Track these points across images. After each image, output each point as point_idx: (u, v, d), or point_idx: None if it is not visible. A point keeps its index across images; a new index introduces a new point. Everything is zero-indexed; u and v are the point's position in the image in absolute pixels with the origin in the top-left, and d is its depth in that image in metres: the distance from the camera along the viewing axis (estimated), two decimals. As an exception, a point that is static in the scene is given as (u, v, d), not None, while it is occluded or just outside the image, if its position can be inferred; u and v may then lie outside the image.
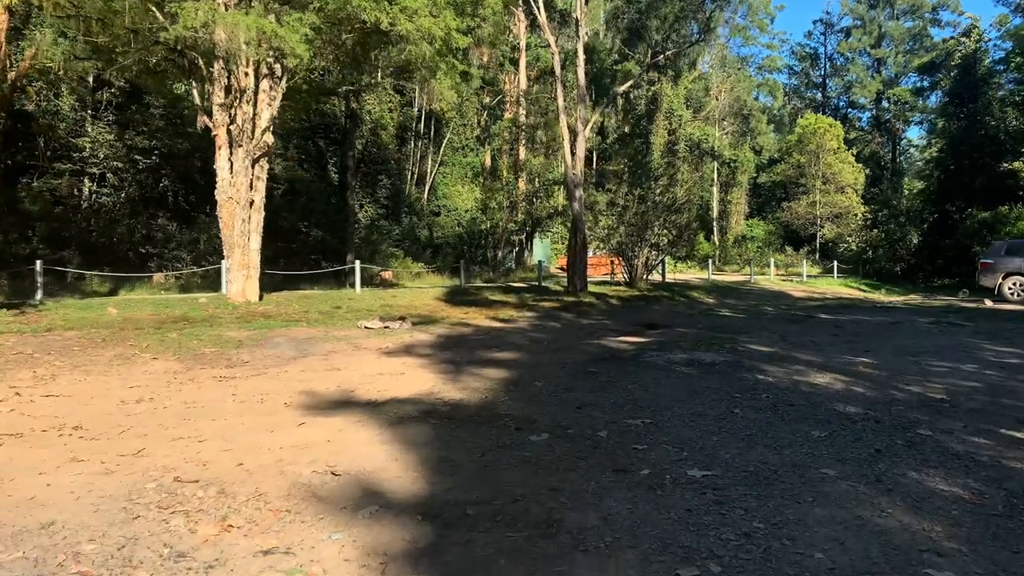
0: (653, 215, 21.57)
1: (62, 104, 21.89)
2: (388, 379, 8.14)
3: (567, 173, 19.32)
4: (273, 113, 14.13)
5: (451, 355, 9.84)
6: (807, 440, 5.51)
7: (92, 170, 22.78)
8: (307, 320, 12.88)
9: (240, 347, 10.23)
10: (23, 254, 21.12)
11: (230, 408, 6.72)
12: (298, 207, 30.35)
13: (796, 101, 79.61)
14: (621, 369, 8.23)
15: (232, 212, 13.85)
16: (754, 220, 63.12)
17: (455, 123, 41.68)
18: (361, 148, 34.74)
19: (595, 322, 14.76)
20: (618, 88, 22.23)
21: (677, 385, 7.32)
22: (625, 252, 22.03)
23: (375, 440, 5.41)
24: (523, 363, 9.00)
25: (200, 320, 11.99)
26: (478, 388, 7.35)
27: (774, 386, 7.39)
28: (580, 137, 18.99)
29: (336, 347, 10.55)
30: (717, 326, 13.92)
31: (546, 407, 6.40)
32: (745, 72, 66.76)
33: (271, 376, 8.47)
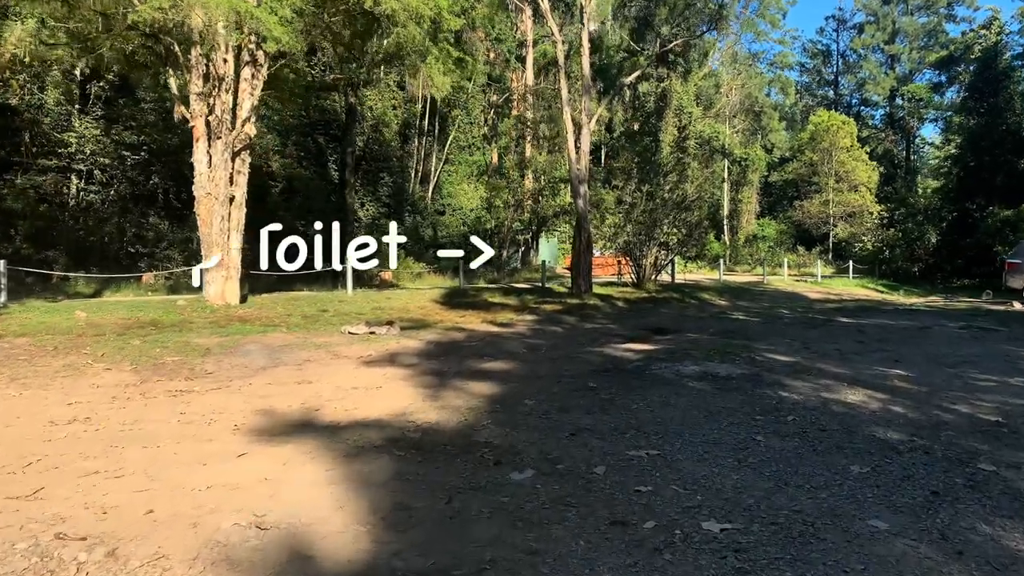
0: (662, 213, 20.56)
1: (46, 98, 21.07)
2: (361, 394, 7.21)
3: (571, 168, 18.34)
4: (254, 102, 13.23)
5: (437, 365, 8.89)
6: (846, 477, 4.55)
7: (79, 166, 21.95)
8: (287, 325, 11.96)
9: (206, 356, 9.32)
10: (4, 254, 20.31)
11: (170, 431, 5.81)
12: (295, 205, 29.49)
13: (808, 99, 78.31)
14: (624, 384, 7.26)
15: (210, 209, 12.96)
16: (765, 219, 61.93)
17: (461, 121, 40.76)
18: (362, 145, 33.88)
19: (599, 326, 13.79)
20: (625, 79, 21.16)
21: (689, 404, 6.35)
22: (633, 252, 21.02)
23: (322, 479, 4.48)
24: (515, 375, 8.05)
25: (170, 325, 11.10)
26: (459, 407, 6.40)
27: (801, 405, 6.41)
28: (585, 130, 18.01)
29: (313, 355, 9.62)
30: (731, 331, 12.92)
31: (534, 433, 5.44)
32: (756, 69, 65.58)
33: (232, 390, 7.55)
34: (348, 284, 17.34)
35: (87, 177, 22.70)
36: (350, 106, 27.95)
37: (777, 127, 63.92)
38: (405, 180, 37.21)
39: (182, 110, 13.11)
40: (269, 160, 30.19)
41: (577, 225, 18.30)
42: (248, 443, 5.38)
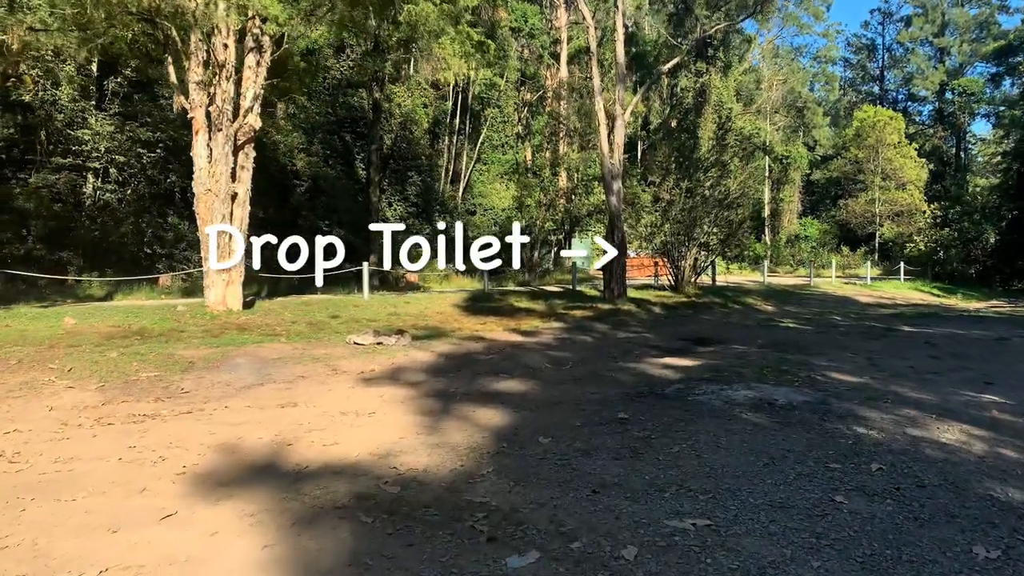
0: (703, 211, 19.11)
1: (60, 94, 20.36)
2: (347, 423, 6.07)
3: (603, 163, 17.05)
4: (257, 91, 12.21)
5: (444, 384, 7.72)
6: (971, 567, 3.29)
7: (94, 165, 21.22)
8: (289, 333, 10.90)
9: (187, 371, 8.27)
10: (17, 255, 19.66)
11: (103, 475, 4.74)
12: (320, 205, 28.61)
13: (852, 95, 75.78)
14: (663, 415, 6.01)
15: (210, 207, 11.97)
16: (808, 219, 59.75)
17: (494, 119, 39.64)
18: (390, 143, 32.90)
19: (633, 335, 12.51)
20: (663, 67, 19.68)
21: (744, 446, 5.07)
22: (671, 252, 19.62)
23: (253, 562, 3.32)
24: (532, 399, 6.84)
25: (158, 334, 10.11)
26: (457, 445, 5.22)
27: (885, 447, 5.10)
28: (619, 122, 16.69)
29: (308, 371, 8.53)
30: (782, 342, 11.56)
31: (546, 489, 4.23)
32: (798, 64, 63.39)
33: (202, 415, 6.47)
34: (364, 288, 16.26)
35: (103, 176, 21.99)
36: (375, 102, 26.93)
37: (821, 122, 61.71)
38: (435, 179, 36.13)
39: (181, 100, 12.15)
40: (294, 159, 29.36)
41: (610, 224, 17.00)
42: (186, 496, 4.27)
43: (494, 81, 39.59)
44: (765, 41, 59.31)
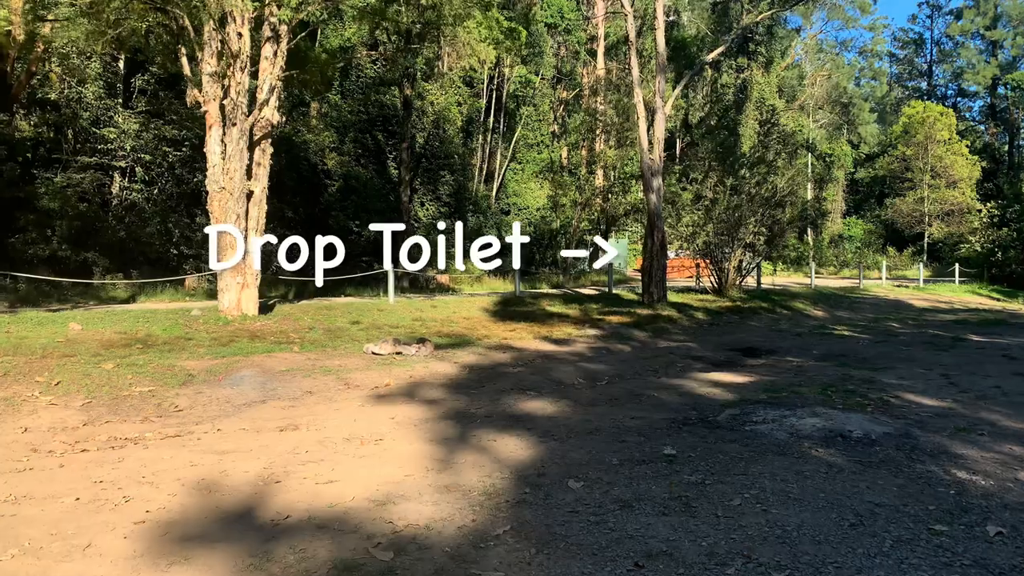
0: (748, 210, 17.97)
1: (86, 92, 19.99)
2: (349, 454, 5.27)
3: (643, 159, 16.04)
4: (274, 82, 11.50)
5: (465, 403, 6.89)
6: None
7: (119, 163, 20.84)
8: (303, 342, 10.16)
9: (185, 385, 7.55)
10: (42, 256, 19.32)
11: (48, 522, 4.01)
12: (351, 205, 28.02)
13: (898, 91, 73.39)
14: (717, 451, 5.07)
15: (224, 206, 11.30)
16: (852, 218, 57.83)
17: (529, 117, 38.79)
18: (423, 142, 32.24)
19: (675, 345, 11.55)
20: (706, 57, 18.49)
21: (822, 497, 4.13)
22: (713, 254, 18.52)
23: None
24: (562, 425, 5.96)
25: (163, 342, 9.44)
26: (472, 489, 4.37)
27: (998, 500, 4.12)
28: (659, 115, 15.68)
29: (316, 385, 7.75)
30: (840, 354, 10.51)
31: (576, 559, 3.34)
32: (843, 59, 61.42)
33: (189, 440, 5.73)
34: (390, 291, 15.49)
35: (129, 175, 21.62)
36: (406, 98, 26.24)
37: (868, 119, 59.65)
38: (467, 179, 35.37)
39: (195, 93, 11.49)
40: (325, 158, 28.84)
41: (649, 224, 16.01)
42: (132, 559, 3.48)
43: (529, 78, 38.72)
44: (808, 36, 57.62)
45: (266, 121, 11.73)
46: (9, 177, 18.74)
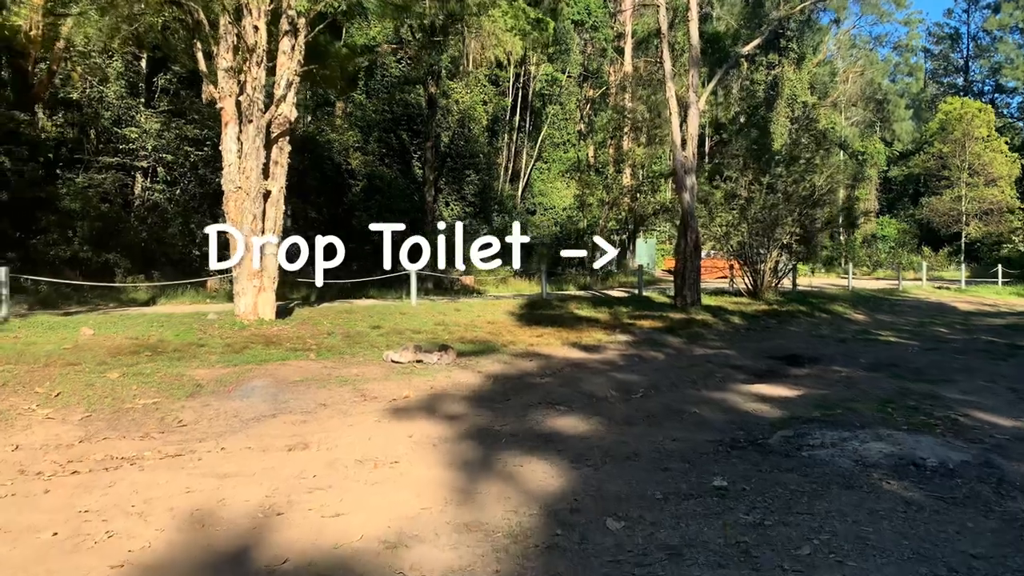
0: (785, 209, 17.24)
1: (108, 91, 19.76)
2: (361, 480, 4.78)
3: (675, 156, 15.38)
4: (291, 78, 11.06)
5: (488, 419, 6.36)
6: None
7: (141, 164, 20.60)
8: (320, 348, 9.68)
9: (193, 396, 7.10)
10: (63, 257, 19.12)
11: (17, 560, 3.61)
12: (375, 205, 27.63)
13: (933, 87, 71.60)
14: (774, 483, 4.48)
15: (240, 206, 10.88)
16: (885, 218, 56.39)
17: (556, 116, 38.20)
18: (448, 141, 31.81)
19: (712, 352, 10.91)
20: (741, 49, 17.75)
21: (904, 545, 3.53)
22: (748, 255, 17.80)
23: None
24: (597, 448, 5.39)
25: (173, 349, 9.02)
26: (495, 528, 3.83)
27: (1115, 550, 3.49)
28: (692, 110, 15.00)
29: (331, 397, 7.26)
30: (890, 363, 9.82)
31: (620, 628, 2.79)
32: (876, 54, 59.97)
33: (189, 461, 5.27)
34: (412, 294, 15.01)
35: (151, 175, 21.40)
36: (430, 96, 25.78)
37: (904, 115, 58.15)
38: (493, 178, 34.86)
39: (211, 90, 11.10)
40: (349, 157, 28.50)
41: (682, 224, 15.35)
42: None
43: (555, 76, 38.14)
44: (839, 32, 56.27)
45: (284, 118, 11.29)
46: (31, 178, 18.56)
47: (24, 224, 18.95)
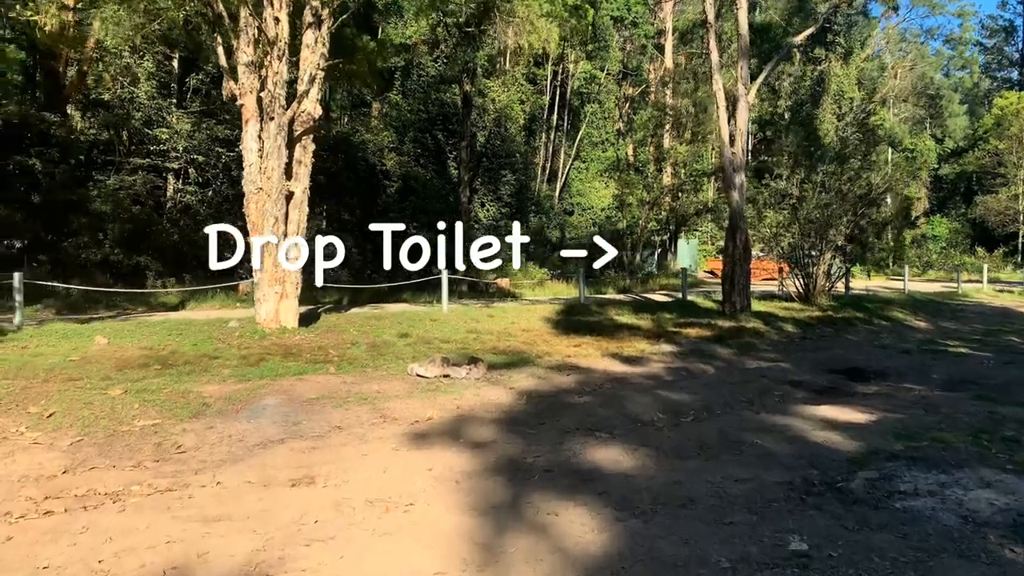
0: (840, 208, 16.16)
1: (139, 91, 19.47)
2: (368, 528, 4.10)
3: (724, 153, 14.47)
4: (315, 72, 10.45)
5: (519, 449, 5.63)
6: None
7: (172, 165, 20.29)
8: (342, 360, 9.04)
9: (197, 417, 6.49)
10: (94, 260, 18.86)
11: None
12: (409, 206, 27.08)
13: (987, 81, 68.95)
14: (865, 548, 3.66)
15: (261, 208, 10.32)
16: (935, 217, 54.26)
17: (594, 115, 37.38)
18: (484, 140, 31.15)
19: (767, 365, 10.03)
20: (794, 39, 16.67)
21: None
22: (799, 258, 16.77)
23: None
24: (644, 490, 4.62)
25: (184, 362, 8.45)
26: (523, 610, 3.09)
27: None
28: (742, 104, 14.04)
29: (348, 418, 6.59)
30: (967, 379, 8.84)
31: None
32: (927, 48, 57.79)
33: (179, 500, 4.64)
34: (443, 300, 14.33)
35: (183, 176, 21.09)
36: (465, 95, 25.11)
37: (958, 110, 55.92)
38: (530, 178, 34.12)
39: (231, 86, 10.55)
40: (384, 158, 27.99)
41: (731, 225, 14.41)
42: None
43: (594, 74, 37.30)
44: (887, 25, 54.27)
45: (307, 115, 10.68)
46: (62, 180, 18.35)
47: (56, 227, 18.74)
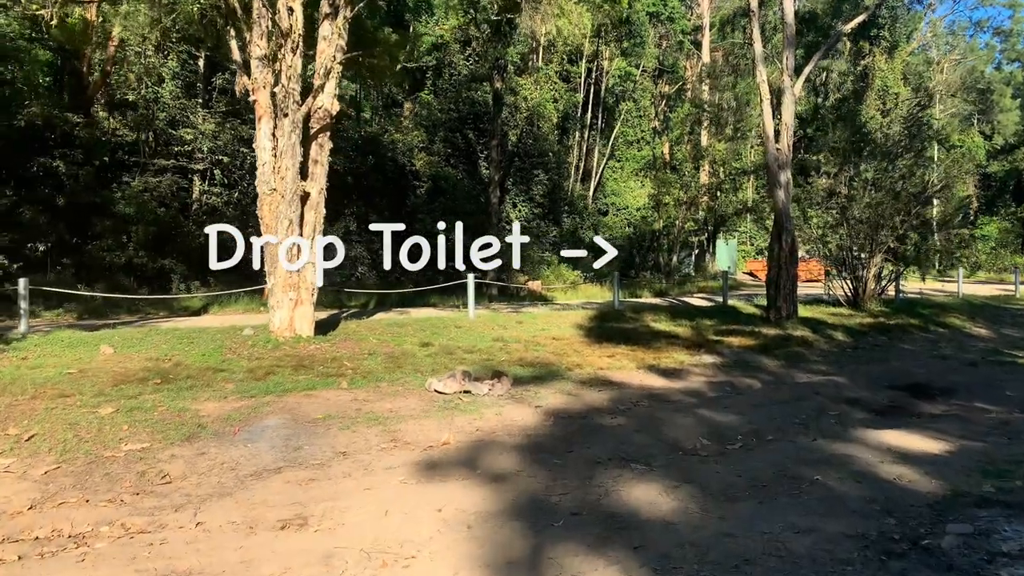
0: (892, 208, 15.09)
1: (163, 92, 19.16)
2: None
3: (767, 149, 13.55)
4: (331, 65, 9.86)
5: (544, 483, 4.93)
6: None
7: (197, 166, 19.96)
8: (356, 374, 8.41)
9: (191, 440, 5.91)
10: (118, 263, 18.57)
11: None
12: (439, 207, 26.49)
13: (1035, 75, 66.30)
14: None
15: (275, 209, 9.76)
16: (984, 216, 52.21)
17: (629, 113, 36.49)
18: (515, 140, 30.47)
19: (819, 379, 9.18)
20: (844, 26, 15.62)
21: None
22: (848, 261, 15.73)
23: None
24: (688, 547, 3.88)
25: (186, 376, 7.88)
26: None
27: None
28: (787, 96, 13.09)
29: (355, 442, 5.96)
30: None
31: None
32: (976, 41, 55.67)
33: (151, 545, 4.05)
34: (469, 305, 13.69)
35: (209, 178, 20.77)
36: (496, 92, 24.46)
37: (1009, 105, 53.80)
38: (563, 178, 33.34)
39: (244, 81, 10.02)
40: (413, 158, 27.46)
41: (776, 225, 13.50)
42: None
43: (629, 71, 36.41)
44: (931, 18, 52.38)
45: (324, 111, 10.10)
46: (86, 181, 18.08)
47: (80, 229, 18.50)
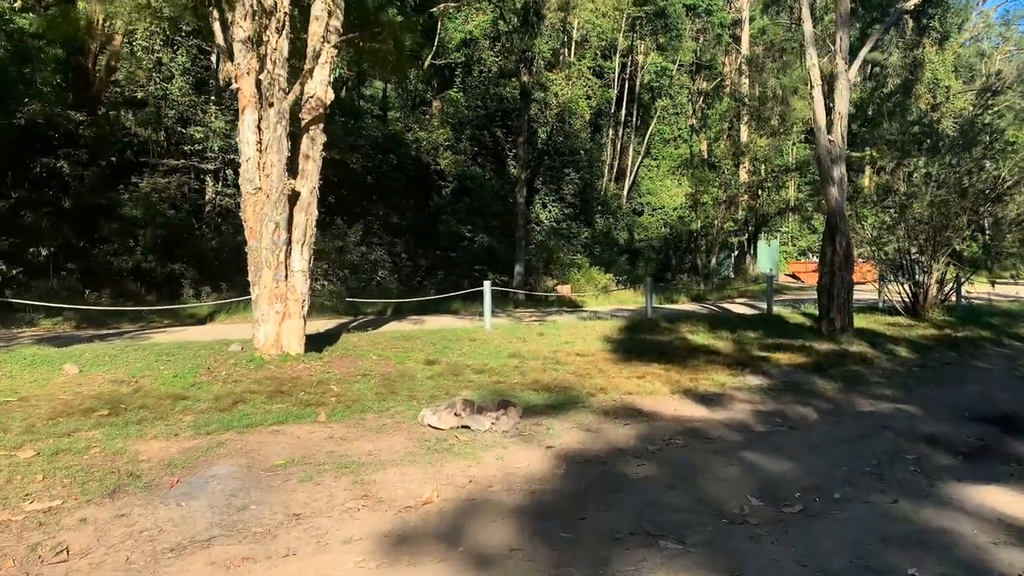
0: (958, 206, 13.52)
1: (171, 88, 18.30)
2: None
3: (819, 141, 12.10)
4: (320, 47, 8.76)
5: (546, 568, 3.71)
6: None
7: (208, 166, 19.09)
8: (340, 402, 7.25)
9: (113, 495, 4.80)
10: (126, 267, 17.78)
11: None
12: (464, 208, 25.38)
13: (1100, 65, 63.06)
14: None
15: (259, 211, 8.72)
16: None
17: (665, 110, 35.07)
18: (545, 137, 29.24)
19: (886, 409, 7.78)
20: (905, 3, 13.97)
21: None
22: (907, 264, 14.17)
23: None
24: None
25: (141, 406, 6.77)
26: None
27: None
28: (841, 81, 11.62)
29: (315, 499, 4.79)
30: None
31: None
32: (1029, 32, 52.90)
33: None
34: (486, 316, 12.49)
35: (223, 178, 19.90)
36: (523, 86, 23.26)
37: (1070, 97, 50.99)
38: (595, 177, 32.02)
39: (228, 67, 8.98)
40: (438, 157, 26.36)
41: (829, 226, 12.03)
42: None
43: (665, 67, 34.99)
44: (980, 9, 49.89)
45: (316, 100, 9.01)
46: (92, 183, 17.31)
47: (85, 232, 17.74)
